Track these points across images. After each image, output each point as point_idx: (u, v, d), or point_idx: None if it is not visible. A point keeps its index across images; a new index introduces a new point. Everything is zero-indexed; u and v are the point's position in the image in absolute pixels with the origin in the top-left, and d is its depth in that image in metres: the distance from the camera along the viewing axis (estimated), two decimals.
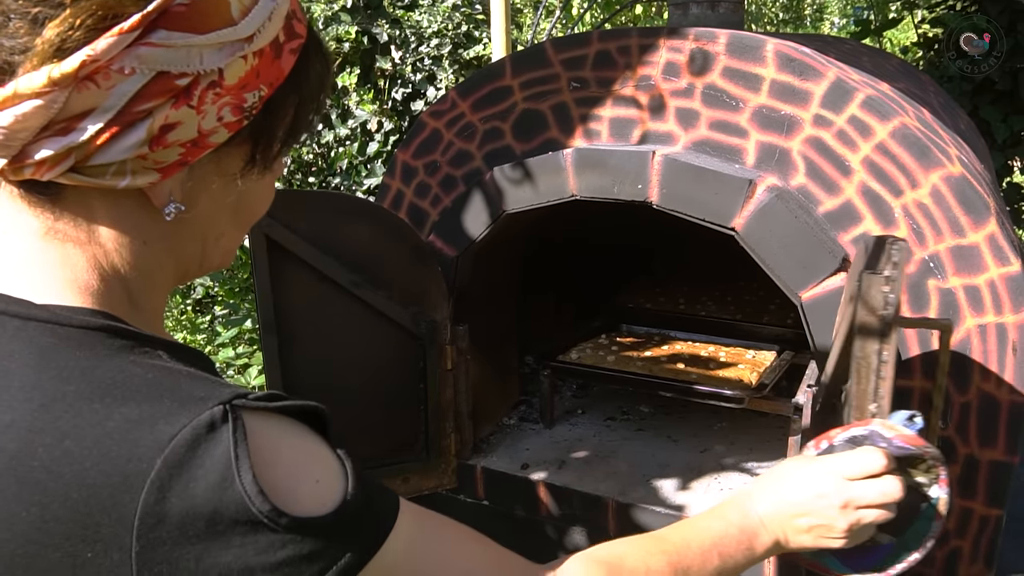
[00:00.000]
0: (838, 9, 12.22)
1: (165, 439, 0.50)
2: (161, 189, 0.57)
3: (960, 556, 1.36)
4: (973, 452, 1.31)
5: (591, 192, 1.55)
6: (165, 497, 0.49)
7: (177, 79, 0.53)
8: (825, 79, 1.37)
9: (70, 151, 0.52)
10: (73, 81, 0.51)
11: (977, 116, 3.46)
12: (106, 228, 0.58)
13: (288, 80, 0.60)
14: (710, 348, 2.10)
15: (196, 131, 0.55)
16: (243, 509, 0.50)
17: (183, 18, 0.52)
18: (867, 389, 0.92)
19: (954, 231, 1.29)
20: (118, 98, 0.52)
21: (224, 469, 0.50)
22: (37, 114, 0.51)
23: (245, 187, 0.62)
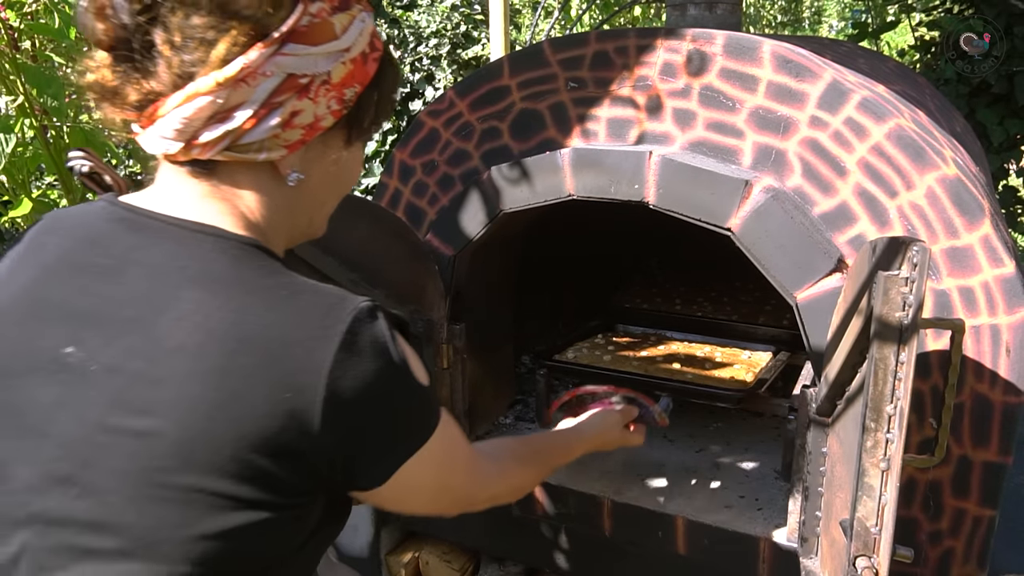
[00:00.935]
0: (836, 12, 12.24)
1: (345, 314, 0.72)
2: (287, 162, 0.78)
3: (953, 556, 1.37)
4: (966, 453, 1.32)
5: (588, 192, 1.56)
6: (350, 355, 0.70)
7: (300, 79, 0.74)
8: (821, 80, 1.38)
9: (227, 134, 0.73)
10: (233, 83, 0.71)
11: (973, 119, 3.47)
12: (247, 192, 0.79)
13: (371, 81, 0.81)
14: (706, 348, 2.11)
15: (313, 117, 0.76)
16: (399, 370, 0.75)
17: (305, 35, 0.74)
18: (884, 391, 0.93)
19: (949, 232, 1.29)
20: (261, 93, 0.72)
21: (385, 339, 0.74)
22: (208, 108, 0.71)
23: (342, 162, 0.84)
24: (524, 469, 1.10)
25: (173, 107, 0.71)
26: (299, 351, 0.69)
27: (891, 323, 0.91)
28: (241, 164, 0.76)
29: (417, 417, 0.80)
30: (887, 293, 0.91)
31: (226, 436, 0.67)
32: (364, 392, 0.72)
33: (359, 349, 0.72)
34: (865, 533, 0.98)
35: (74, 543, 0.68)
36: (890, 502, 0.95)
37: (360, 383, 0.71)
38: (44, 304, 0.73)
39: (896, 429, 0.93)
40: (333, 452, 0.72)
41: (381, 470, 0.77)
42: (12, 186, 2.43)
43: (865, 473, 0.97)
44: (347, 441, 0.72)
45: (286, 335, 0.70)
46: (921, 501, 1.37)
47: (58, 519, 0.68)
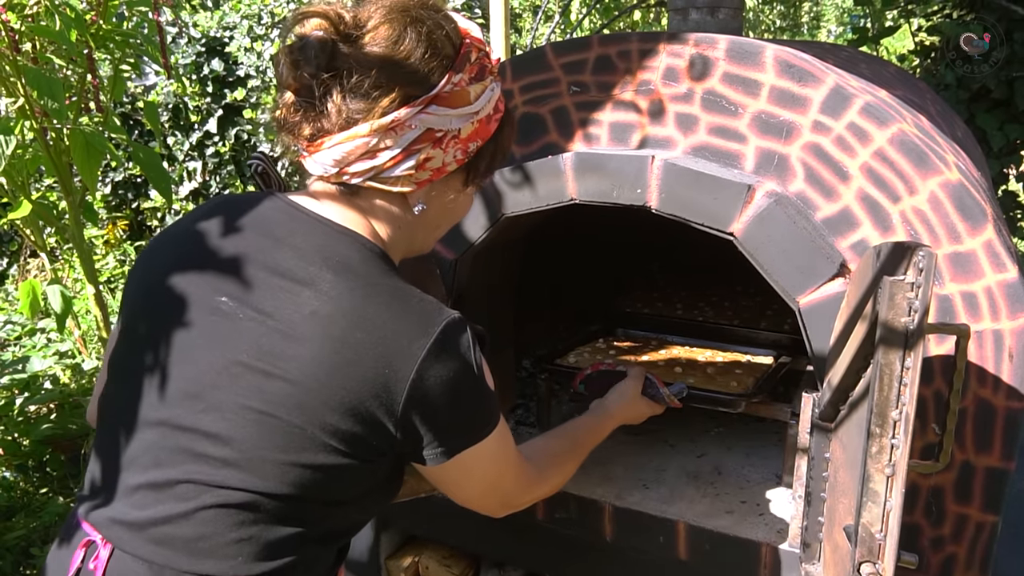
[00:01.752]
0: (835, 17, 12.27)
1: (441, 319, 0.90)
2: (415, 195, 0.98)
3: (956, 562, 1.36)
4: (969, 458, 1.32)
5: (590, 196, 1.55)
6: (439, 351, 0.89)
7: (437, 133, 0.93)
8: (824, 85, 1.38)
9: (372, 168, 0.93)
10: (384, 130, 0.91)
11: (973, 124, 3.47)
12: (380, 212, 0.99)
13: (492, 137, 1.00)
14: (707, 353, 2.10)
15: (441, 163, 0.95)
16: (476, 372, 0.94)
17: (446, 100, 0.93)
18: (889, 396, 0.93)
19: (951, 237, 1.29)
20: (404, 141, 0.92)
21: (468, 346, 0.92)
22: (362, 147, 0.91)
23: (458, 199, 1.05)
24: (563, 467, 1.26)
25: (336, 143, 0.91)
26: (403, 339, 0.87)
27: (897, 328, 0.91)
28: (379, 191, 0.96)
29: (482, 414, 0.97)
30: (892, 298, 0.91)
31: (334, 393, 0.85)
32: (444, 383, 0.89)
33: (447, 348, 0.89)
34: (870, 539, 0.97)
35: (191, 447, 0.87)
36: (895, 508, 0.95)
37: (442, 375, 0.89)
38: (215, 261, 0.92)
39: (901, 435, 0.93)
40: (408, 426, 0.89)
41: (444, 451, 0.94)
42: (11, 188, 2.43)
43: (870, 479, 0.96)
44: (422, 420, 0.90)
45: (395, 324, 0.88)
46: (923, 507, 1.36)
47: (182, 426, 0.88)
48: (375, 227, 0.98)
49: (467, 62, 0.94)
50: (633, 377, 1.55)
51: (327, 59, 0.88)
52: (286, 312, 0.87)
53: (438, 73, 0.91)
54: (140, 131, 5.12)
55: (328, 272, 0.89)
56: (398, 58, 0.90)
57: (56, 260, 4.52)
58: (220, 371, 0.88)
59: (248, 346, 0.87)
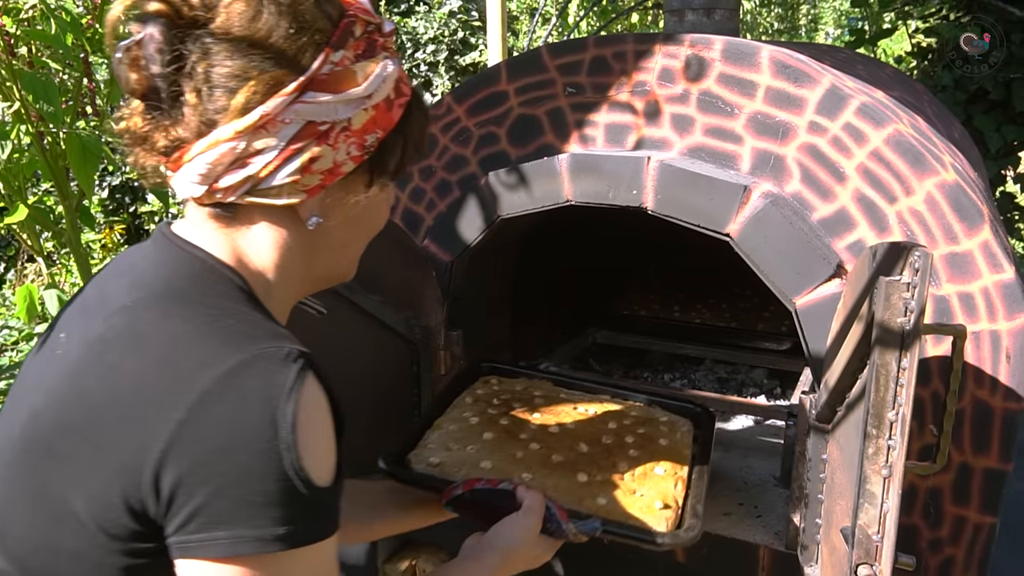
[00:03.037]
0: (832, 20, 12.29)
1: (249, 349, 0.69)
2: (306, 206, 0.79)
3: (954, 564, 1.36)
4: (967, 459, 1.31)
5: (586, 197, 1.55)
6: (226, 388, 0.67)
7: (320, 126, 0.75)
8: (820, 86, 1.37)
9: (247, 179, 0.75)
10: (252, 130, 0.73)
11: (971, 126, 3.47)
12: (263, 236, 0.80)
13: (397, 126, 0.81)
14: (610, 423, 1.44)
15: (332, 163, 0.77)
16: (274, 428, 0.66)
17: (325, 84, 0.75)
18: (886, 397, 0.92)
19: (948, 238, 1.29)
20: (280, 140, 0.74)
21: (278, 391, 0.67)
22: (228, 154, 0.73)
23: (365, 205, 0.84)
24: None
25: (197, 153, 0.74)
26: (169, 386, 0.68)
27: (893, 329, 0.90)
28: (262, 209, 0.79)
29: (280, 505, 0.66)
30: (889, 298, 0.91)
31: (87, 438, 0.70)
32: (221, 441, 0.66)
33: (242, 390, 0.67)
34: (867, 541, 0.97)
35: None
36: (892, 509, 0.94)
37: (222, 428, 0.66)
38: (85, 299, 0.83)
39: (898, 436, 0.93)
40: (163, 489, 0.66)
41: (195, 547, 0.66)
42: (8, 193, 2.42)
43: (867, 480, 0.96)
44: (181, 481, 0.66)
45: (165, 370, 0.69)
46: (921, 508, 1.36)
47: None
48: (247, 256, 0.80)
49: (350, 37, 0.77)
50: (530, 511, 1.13)
51: (172, 50, 0.72)
52: (77, 342, 0.76)
53: (311, 52, 0.74)
54: None
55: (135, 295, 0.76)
56: (257, 38, 0.73)
57: (53, 264, 4.51)
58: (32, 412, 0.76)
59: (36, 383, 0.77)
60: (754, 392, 2.21)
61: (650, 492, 1.25)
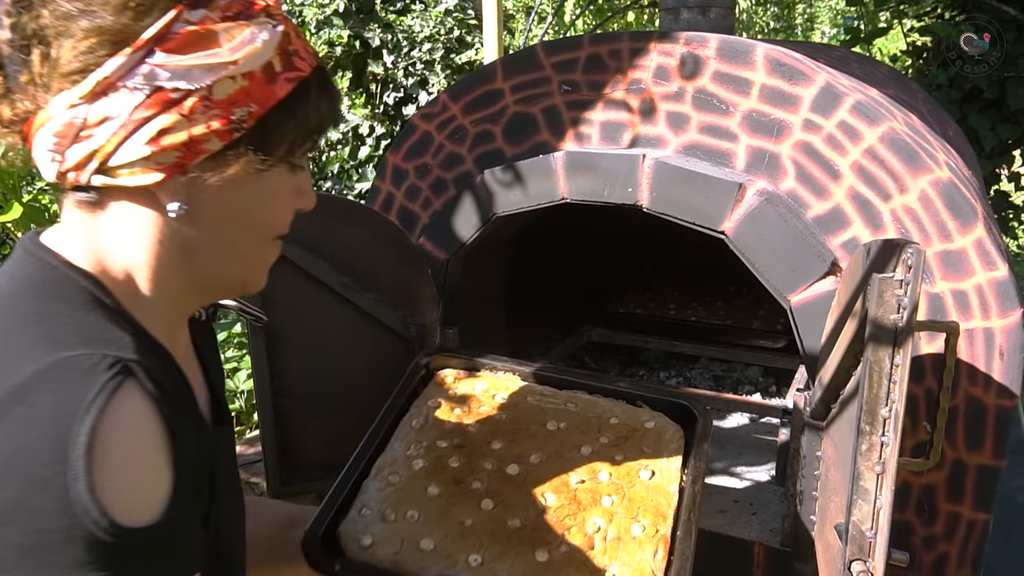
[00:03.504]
0: (828, 19, 12.31)
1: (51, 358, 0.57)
2: (165, 188, 0.67)
3: (948, 560, 1.36)
4: (961, 456, 1.32)
5: (581, 195, 1.55)
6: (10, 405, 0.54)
7: (171, 93, 0.64)
8: (815, 84, 1.38)
9: (93, 154, 0.65)
10: (91, 97, 0.63)
11: (965, 124, 3.48)
12: (126, 227, 0.69)
13: (284, 105, 0.69)
14: (583, 446, 1.19)
15: (187, 136, 0.65)
16: (59, 453, 0.52)
17: (177, 45, 0.64)
18: (879, 394, 0.92)
19: (942, 235, 1.29)
20: (124, 108, 0.64)
21: (73, 407, 0.54)
22: (71, 124, 0.64)
23: (250, 194, 0.72)
24: None
25: (40, 125, 0.65)
26: None
27: (886, 325, 0.91)
28: (122, 193, 0.68)
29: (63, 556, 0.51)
30: (882, 295, 0.91)
31: None
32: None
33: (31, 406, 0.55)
34: (860, 537, 0.97)
35: None
36: (885, 505, 0.95)
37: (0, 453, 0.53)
38: None
39: (891, 432, 0.93)
40: None
41: None
42: (3, 191, 2.42)
43: (860, 476, 0.96)
44: None
45: None
46: (915, 505, 1.36)
47: None
48: (110, 254, 0.69)
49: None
50: None
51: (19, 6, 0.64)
52: None
53: (159, 7, 0.65)
54: None
55: None
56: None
57: None
58: None
59: None
60: (749, 390, 2.22)
61: (623, 570, 1.04)
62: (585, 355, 2.38)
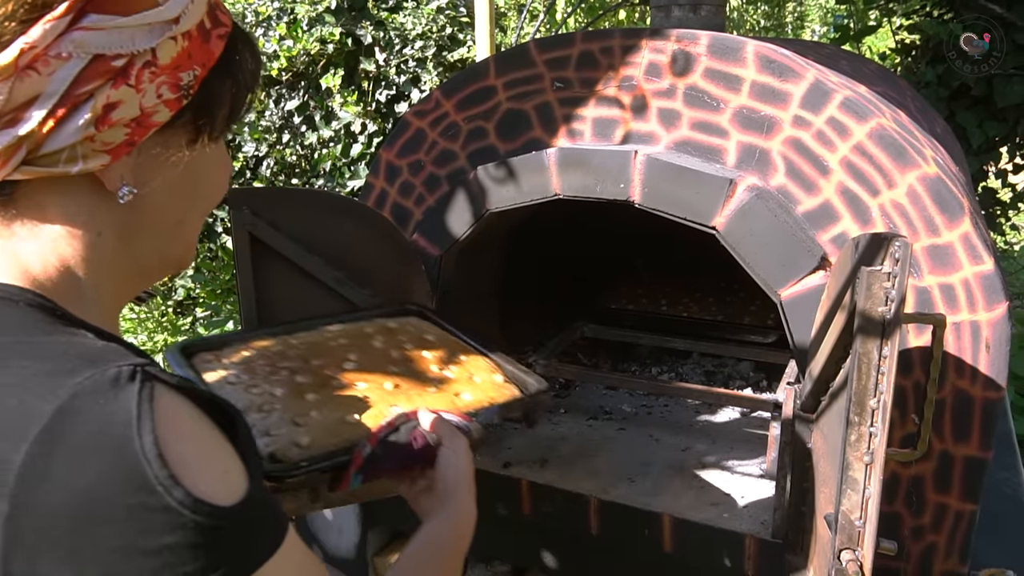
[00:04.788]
0: (818, 17, 12.36)
1: (64, 390, 0.49)
2: (113, 172, 0.60)
3: (935, 551, 1.38)
4: (948, 448, 1.34)
5: (574, 191, 1.56)
6: (52, 450, 0.48)
7: (113, 60, 0.56)
8: (804, 80, 1.39)
9: (20, 142, 0.54)
10: (14, 71, 0.53)
11: (953, 121, 3.51)
12: (59, 222, 0.60)
13: (221, 66, 0.63)
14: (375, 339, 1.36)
15: (138, 109, 0.58)
16: (138, 473, 0.48)
17: (110, 2, 0.56)
18: (867, 385, 0.94)
19: (929, 230, 1.31)
20: (59, 83, 0.54)
21: (123, 427, 0.49)
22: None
23: (194, 168, 0.65)
24: None
25: None
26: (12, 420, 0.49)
27: (874, 317, 0.92)
28: (49, 183, 0.58)
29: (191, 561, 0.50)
30: (870, 288, 0.92)
31: None
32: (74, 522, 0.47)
33: (74, 447, 0.48)
34: (849, 526, 0.99)
35: None
36: (874, 495, 0.96)
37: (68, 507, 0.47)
38: None
39: (879, 423, 0.95)
40: None
41: None
42: None
43: (849, 467, 0.98)
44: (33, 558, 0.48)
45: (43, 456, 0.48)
46: (904, 497, 1.38)
47: None
48: (40, 257, 0.60)
49: None
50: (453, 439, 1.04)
51: None
52: None
53: None
54: None
55: None
56: None
57: None
58: None
59: None
60: (740, 384, 2.23)
61: (479, 375, 1.26)
62: (578, 351, 2.40)
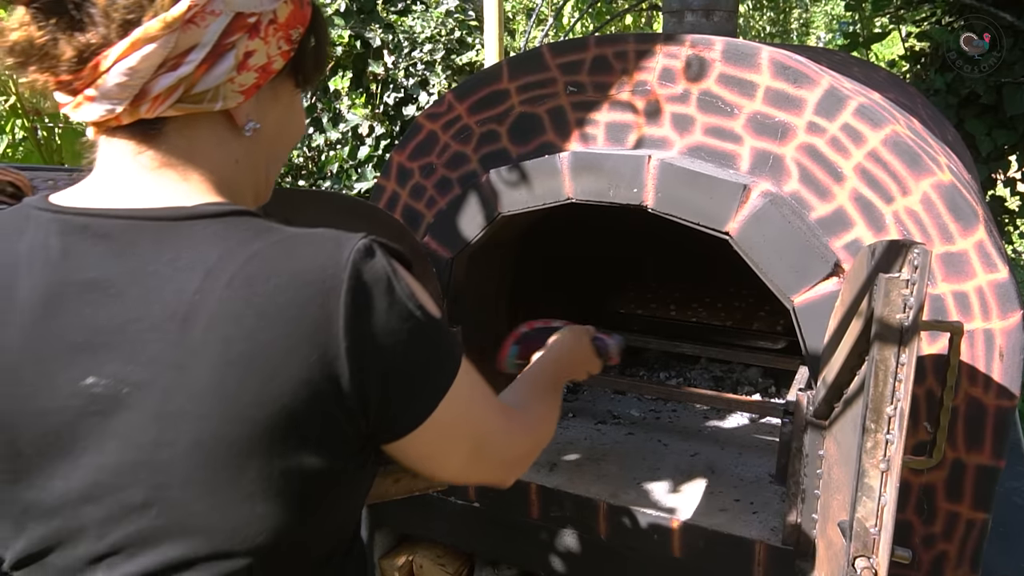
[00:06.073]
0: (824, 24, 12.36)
1: (343, 259, 0.67)
2: (242, 110, 0.73)
3: (946, 559, 1.38)
4: (960, 456, 1.33)
5: (587, 195, 1.56)
6: (358, 299, 0.66)
7: (249, 17, 0.70)
8: (819, 87, 1.39)
9: (180, 82, 0.67)
10: (181, 23, 0.65)
11: (962, 129, 3.51)
12: (205, 150, 0.72)
13: (310, 27, 0.77)
14: None
15: (265, 57, 0.72)
16: (404, 306, 0.69)
17: None
18: (884, 392, 0.94)
19: (944, 238, 1.31)
20: (212, 34, 0.67)
21: (388, 277, 0.68)
22: (155, 54, 0.65)
23: (289, 110, 0.80)
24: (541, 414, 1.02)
25: (116, 58, 0.64)
26: (312, 310, 0.65)
27: (892, 325, 0.92)
28: (193, 119, 0.71)
29: (437, 353, 0.74)
30: (888, 295, 0.92)
31: (269, 416, 0.64)
32: (381, 336, 0.68)
33: (366, 291, 0.67)
34: (864, 534, 0.99)
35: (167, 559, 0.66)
36: (890, 503, 0.96)
37: (375, 327, 0.67)
38: (44, 343, 0.66)
39: (896, 430, 0.94)
40: (365, 405, 0.68)
41: (413, 416, 0.72)
42: None
43: (865, 474, 0.97)
44: (376, 390, 0.68)
45: (296, 297, 0.65)
46: (915, 504, 1.38)
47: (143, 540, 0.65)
48: (207, 175, 0.73)
49: None
50: (578, 328, 1.32)
51: None
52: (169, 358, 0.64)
53: None
54: None
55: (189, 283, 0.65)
56: None
57: None
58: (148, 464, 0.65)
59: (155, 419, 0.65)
60: (749, 390, 2.23)
61: None
62: None
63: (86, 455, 0.65)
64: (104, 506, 0.65)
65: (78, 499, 0.66)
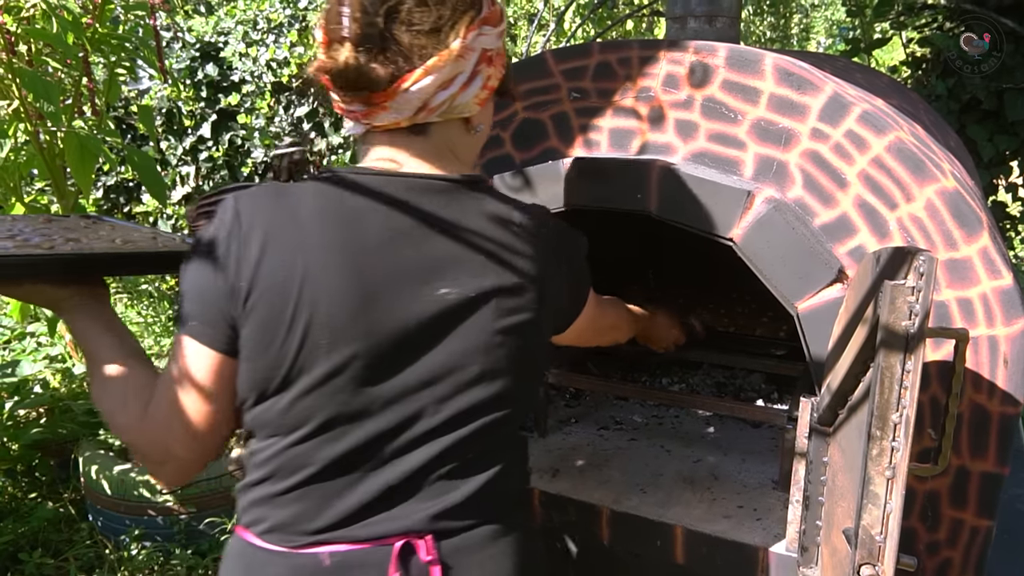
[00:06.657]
0: (824, 29, 12.39)
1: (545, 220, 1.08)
2: (476, 117, 1.04)
3: (951, 567, 1.37)
4: (964, 463, 1.33)
5: (590, 201, 1.56)
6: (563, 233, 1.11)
7: (488, 52, 1.00)
8: (823, 93, 1.39)
9: (450, 98, 0.97)
10: (456, 57, 0.95)
11: (964, 135, 3.51)
12: (455, 143, 1.04)
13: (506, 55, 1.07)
14: None
15: (496, 81, 1.03)
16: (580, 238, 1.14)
17: (491, 19, 0.99)
18: (890, 399, 0.93)
19: (948, 244, 1.31)
20: (470, 65, 0.98)
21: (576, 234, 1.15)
22: (438, 79, 0.95)
23: (491, 115, 1.10)
24: None
25: (417, 79, 0.94)
26: (555, 241, 1.06)
27: (897, 332, 0.92)
28: (447, 124, 1.01)
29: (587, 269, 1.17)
30: (894, 302, 0.92)
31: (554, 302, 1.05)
32: (576, 257, 1.13)
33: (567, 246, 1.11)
34: (870, 541, 0.98)
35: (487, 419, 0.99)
36: (895, 510, 0.96)
37: (574, 252, 1.12)
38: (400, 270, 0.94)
39: (902, 437, 0.94)
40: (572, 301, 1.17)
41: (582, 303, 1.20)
42: (4, 190, 2.42)
43: (870, 481, 0.97)
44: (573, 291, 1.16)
45: (549, 232, 1.05)
46: (919, 511, 1.38)
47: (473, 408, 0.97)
48: (462, 159, 1.05)
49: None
50: None
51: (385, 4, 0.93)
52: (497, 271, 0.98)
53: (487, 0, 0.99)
54: (133, 135, 5.10)
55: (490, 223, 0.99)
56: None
57: None
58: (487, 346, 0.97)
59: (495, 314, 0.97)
60: (752, 396, 2.23)
61: None
62: (588, 361, 2.39)
63: (436, 346, 0.95)
64: (446, 384, 0.95)
65: (418, 385, 0.94)
